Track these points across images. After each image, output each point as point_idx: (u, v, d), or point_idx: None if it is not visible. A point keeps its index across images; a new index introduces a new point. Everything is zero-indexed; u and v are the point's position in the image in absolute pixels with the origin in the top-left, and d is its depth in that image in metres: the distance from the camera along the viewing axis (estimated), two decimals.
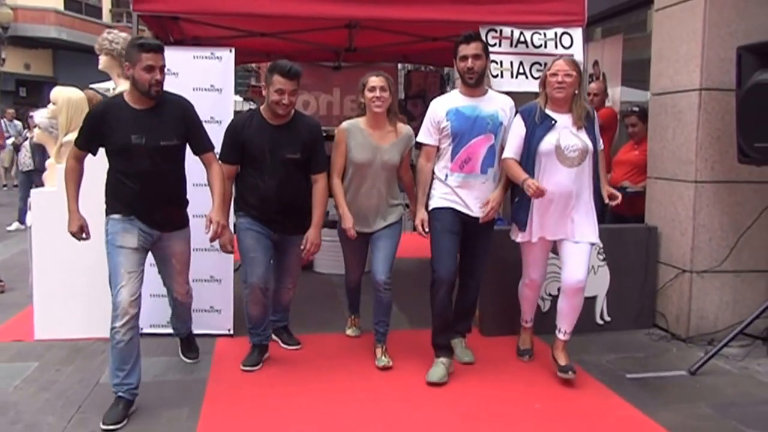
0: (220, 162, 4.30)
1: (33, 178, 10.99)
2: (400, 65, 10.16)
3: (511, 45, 5.34)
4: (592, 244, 4.44)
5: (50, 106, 5.44)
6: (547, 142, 4.31)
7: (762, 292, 5.21)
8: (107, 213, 3.96)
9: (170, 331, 4.89)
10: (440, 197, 4.54)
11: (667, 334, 5.44)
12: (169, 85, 4.92)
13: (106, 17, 25.80)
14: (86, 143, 3.94)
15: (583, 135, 4.34)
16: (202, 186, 4.36)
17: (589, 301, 5.24)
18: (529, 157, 4.36)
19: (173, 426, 3.74)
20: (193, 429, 3.70)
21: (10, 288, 6.75)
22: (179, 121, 4.01)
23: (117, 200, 3.94)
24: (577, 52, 5.34)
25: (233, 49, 5.20)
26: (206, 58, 5.14)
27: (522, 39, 5.35)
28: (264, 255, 4.48)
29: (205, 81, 5.12)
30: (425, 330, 4.67)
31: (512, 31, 5.31)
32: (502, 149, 4.51)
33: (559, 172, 4.31)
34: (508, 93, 5.07)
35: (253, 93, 9.44)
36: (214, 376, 4.45)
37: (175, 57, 5.09)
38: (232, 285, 5.18)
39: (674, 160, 5.42)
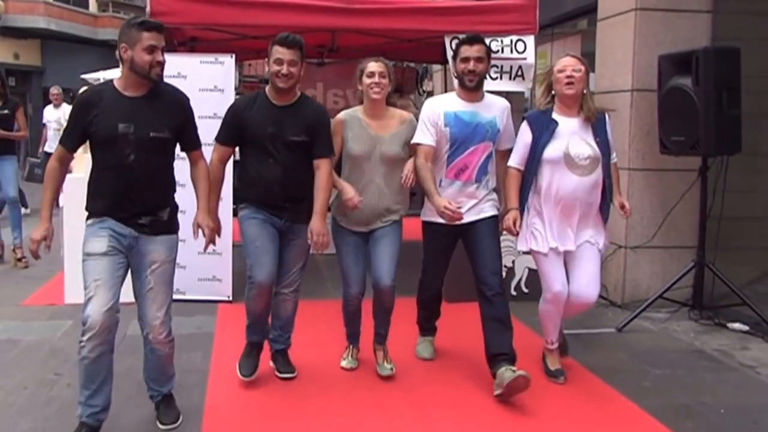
0: (214, 143, 4.22)
1: None
2: None
3: None
4: (599, 250, 4.36)
5: None
6: (556, 149, 4.17)
7: (687, 264, 6.03)
8: (86, 219, 3.60)
9: (178, 296, 5.67)
10: (431, 209, 4.34)
11: (606, 301, 6.32)
12: (179, 87, 5.79)
13: (93, 7, 26.38)
14: (71, 139, 3.55)
15: (592, 141, 4.20)
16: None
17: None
18: (533, 163, 4.25)
19: (191, 365, 4.61)
20: (207, 368, 4.59)
21: (32, 264, 7.55)
22: (174, 113, 3.64)
23: (96, 198, 3.57)
24: (530, 56, 6.22)
25: (234, 55, 6.04)
26: (211, 63, 5.98)
27: None
28: (270, 243, 4.14)
29: (209, 83, 5.94)
30: (407, 298, 5.24)
31: None
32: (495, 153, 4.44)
33: (570, 180, 4.16)
34: None
35: (244, 88, 10.13)
36: (219, 330, 5.33)
37: (184, 62, 5.97)
38: (231, 257, 6.00)
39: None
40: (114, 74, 5.68)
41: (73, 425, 3.54)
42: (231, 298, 6.02)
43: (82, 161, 5.89)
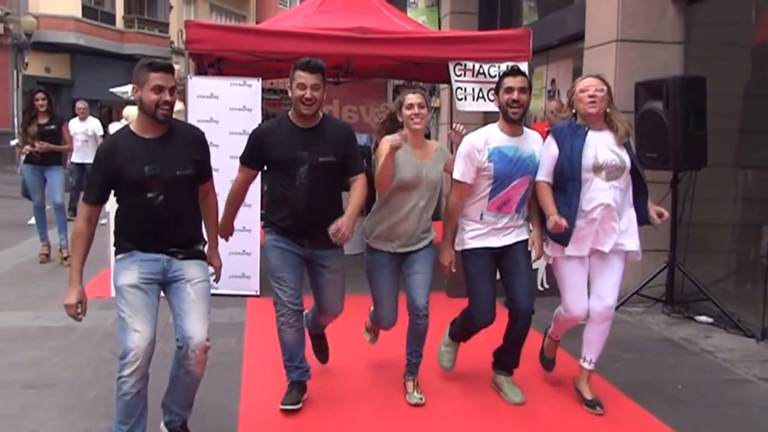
0: (239, 165, 4.31)
1: None
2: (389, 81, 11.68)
3: (473, 75, 7.01)
4: (627, 253, 4.34)
5: (123, 120, 7.06)
6: (585, 156, 4.17)
7: (661, 265, 6.72)
8: (115, 254, 3.68)
9: (211, 291, 6.36)
10: (472, 237, 4.43)
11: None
12: (212, 107, 6.66)
13: (119, 23, 27.48)
14: (98, 192, 3.56)
15: (623, 152, 4.22)
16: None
17: (532, 272, 6.73)
18: (573, 170, 4.18)
19: (228, 348, 5.38)
20: (241, 350, 5.37)
21: None
22: (194, 150, 3.69)
23: (126, 238, 3.62)
24: None
25: (260, 79, 6.86)
26: (240, 85, 6.79)
27: (481, 70, 7.00)
28: (293, 273, 4.19)
29: (239, 103, 6.75)
30: None
31: (474, 65, 6.96)
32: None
33: (598, 188, 4.18)
34: (469, 112, 6.78)
35: (267, 105, 10.85)
36: (249, 319, 6.11)
37: (216, 84, 6.82)
38: (258, 257, 6.80)
39: None
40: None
41: None
42: (258, 293, 6.81)
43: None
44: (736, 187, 6.97)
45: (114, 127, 7.38)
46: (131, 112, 7.00)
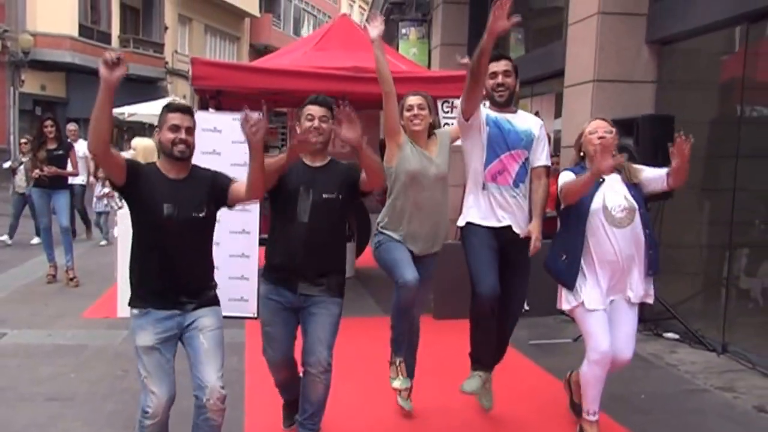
0: None
1: (26, 199, 11.46)
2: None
3: None
4: (643, 305, 4.42)
5: (131, 150, 7.51)
6: (595, 202, 4.19)
7: None
8: (130, 304, 3.72)
9: None
10: (474, 213, 4.51)
11: (568, 317, 7.43)
12: (215, 140, 7.10)
13: (115, 43, 27.80)
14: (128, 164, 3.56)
15: (627, 194, 4.23)
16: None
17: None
18: (580, 217, 4.21)
19: (230, 366, 5.51)
20: (242, 368, 5.81)
21: (81, 284, 8.89)
22: (209, 190, 3.74)
23: (140, 282, 3.68)
24: None
25: (261, 113, 7.27)
26: None
27: None
28: (283, 329, 4.18)
29: (241, 136, 7.08)
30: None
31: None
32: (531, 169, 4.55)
33: (609, 233, 4.17)
34: (455, 146, 7.22)
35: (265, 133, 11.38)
36: (248, 339, 6.52)
37: (219, 119, 7.28)
38: (257, 281, 7.22)
39: None
40: (137, 109, 6.74)
41: None
42: (256, 315, 7.23)
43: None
44: (701, 211, 7.49)
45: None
46: (140, 142, 7.45)
